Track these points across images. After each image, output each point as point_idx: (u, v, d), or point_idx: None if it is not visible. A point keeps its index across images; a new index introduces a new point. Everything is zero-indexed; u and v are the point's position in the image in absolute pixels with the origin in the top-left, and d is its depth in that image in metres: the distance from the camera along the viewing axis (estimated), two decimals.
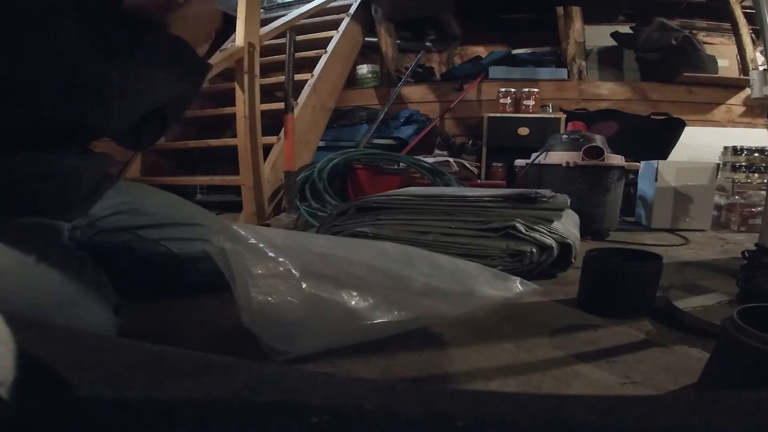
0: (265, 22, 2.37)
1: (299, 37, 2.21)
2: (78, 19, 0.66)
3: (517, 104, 2.74)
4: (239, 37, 1.83)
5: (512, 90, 2.74)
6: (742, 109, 2.85)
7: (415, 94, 3.15)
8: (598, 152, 1.62)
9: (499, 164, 2.68)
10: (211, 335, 0.76)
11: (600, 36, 3.27)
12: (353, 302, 0.63)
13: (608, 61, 3.30)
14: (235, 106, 1.86)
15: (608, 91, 2.95)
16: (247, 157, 1.87)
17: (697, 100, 2.85)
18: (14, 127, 0.64)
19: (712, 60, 2.82)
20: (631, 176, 2.04)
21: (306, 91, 2.41)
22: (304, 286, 0.62)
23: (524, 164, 1.83)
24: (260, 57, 1.92)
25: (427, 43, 3.45)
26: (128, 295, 0.73)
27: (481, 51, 3.50)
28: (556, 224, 1.12)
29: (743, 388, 0.48)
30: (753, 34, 2.86)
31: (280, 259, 0.63)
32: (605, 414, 0.20)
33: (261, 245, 0.63)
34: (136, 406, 0.21)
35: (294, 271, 0.62)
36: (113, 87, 0.67)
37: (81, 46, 0.66)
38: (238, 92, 1.84)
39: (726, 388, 0.50)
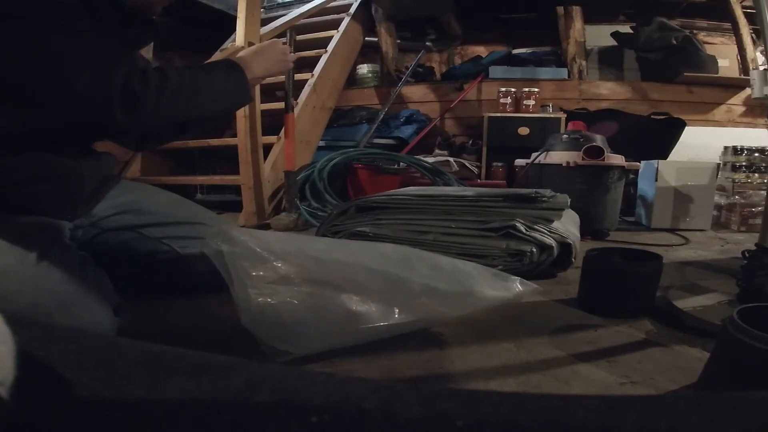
0: (265, 22, 2.37)
1: (299, 37, 2.20)
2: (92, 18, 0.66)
3: (517, 104, 2.74)
4: (239, 37, 1.83)
5: (512, 90, 2.74)
6: (743, 109, 2.85)
7: (416, 93, 3.15)
8: (598, 152, 1.62)
9: (500, 164, 2.68)
10: (211, 335, 0.76)
11: (600, 36, 3.26)
12: (353, 305, 0.63)
13: (608, 61, 3.29)
14: None
15: (608, 91, 2.95)
16: (247, 157, 1.87)
17: (698, 100, 2.84)
18: (32, 126, 0.64)
19: (713, 60, 2.81)
20: (632, 176, 2.04)
21: (306, 90, 2.41)
22: (303, 288, 0.62)
23: (524, 164, 1.83)
24: None
25: (427, 43, 3.45)
26: (128, 295, 0.73)
27: (481, 51, 3.49)
28: (556, 224, 1.12)
29: (743, 388, 0.48)
30: (753, 34, 2.86)
31: (279, 262, 0.63)
32: (605, 414, 0.20)
33: (258, 248, 0.63)
34: (136, 406, 0.21)
35: (293, 274, 0.62)
36: (148, 88, 0.67)
37: (105, 45, 0.66)
38: None
39: (726, 388, 0.50)
